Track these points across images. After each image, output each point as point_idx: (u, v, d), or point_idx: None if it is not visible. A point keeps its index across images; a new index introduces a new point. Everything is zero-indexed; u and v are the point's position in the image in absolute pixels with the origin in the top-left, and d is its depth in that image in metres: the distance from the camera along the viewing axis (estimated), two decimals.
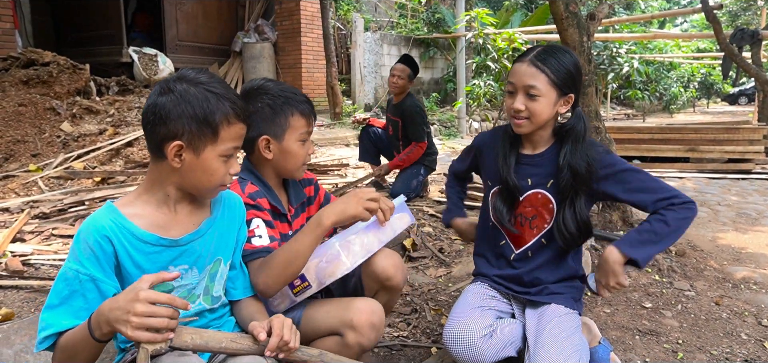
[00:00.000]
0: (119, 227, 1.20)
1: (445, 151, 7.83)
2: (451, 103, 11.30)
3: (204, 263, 1.33)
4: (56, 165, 4.76)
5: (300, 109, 1.59)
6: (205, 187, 1.26)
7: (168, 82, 1.22)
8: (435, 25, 12.51)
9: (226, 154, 1.24)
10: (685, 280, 2.79)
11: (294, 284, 1.49)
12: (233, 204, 1.45)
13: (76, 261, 1.16)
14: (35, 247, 3.00)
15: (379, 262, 1.63)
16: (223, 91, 1.23)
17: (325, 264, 1.47)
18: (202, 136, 1.20)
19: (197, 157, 1.21)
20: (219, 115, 1.21)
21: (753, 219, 4.34)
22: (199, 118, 1.19)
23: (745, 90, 24.51)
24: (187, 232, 1.29)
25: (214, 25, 9.89)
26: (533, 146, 1.78)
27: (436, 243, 3.25)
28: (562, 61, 1.66)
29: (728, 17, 23.43)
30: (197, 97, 1.20)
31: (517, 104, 1.67)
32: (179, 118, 1.18)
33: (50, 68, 6.15)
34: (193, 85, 1.21)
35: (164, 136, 1.19)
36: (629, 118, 15.98)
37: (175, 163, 1.21)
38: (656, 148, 6.81)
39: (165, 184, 1.26)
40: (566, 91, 1.68)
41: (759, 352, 2.14)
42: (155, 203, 1.27)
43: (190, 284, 1.31)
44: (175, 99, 1.19)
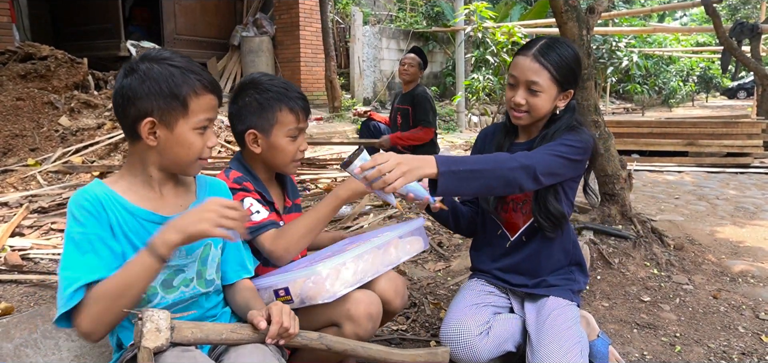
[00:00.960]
0: (111, 198, 1.22)
1: (445, 145, 7.83)
2: (450, 97, 11.29)
3: (193, 246, 1.32)
4: (55, 159, 4.76)
5: (289, 105, 1.58)
6: (184, 160, 1.27)
7: (131, 64, 1.25)
8: (434, 18, 12.48)
9: (200, 126, 1.26)
10: (683, 274, 2.80)
11: (278, 294, 1.47)
12: (218, 189, 1.46)
13: (78, 224, 1.18)
14: (34, 242, 3.00)
15: (380, 284, 1.60)
16: (186, 65, 1.25)
17: (311, 284, 1.42)
18: (171, 110, 1.22)
19: (171, 132, 1.23)
20: (185, 87, 1.23)
21: (751, 213, 4.35)
22: (165, 93, 1.21)
23: (744, 84, 24.50)
24: (175, 212, 1.29)
25: (212, 18, 9.86)
26: (527, 135, 1.80)
27: (434, 237, 3.26)
28: (564, 56, 1.66)
29: (728, 11, 23.41)
30: (161, 73, 1.22)
31: (518, 98, 1.67)
32: (147, 97, 1.20)
33: (48, 62, 6.13)
34: (156, 62, 1.23)
35: (135, 116, 1.22)
36: (628, 112, 15.98)
37: (151, 141, 1.23)
38: (655, 142, 6.82)
39: (146, 165, 1.27)
40: (566, 87, 1.69)
41: (756, 345, 2.15)
42: (139, 184, 1.28)
43: (178, 265, 1.30)
44: (140, 78, 1.21)
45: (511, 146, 1.80)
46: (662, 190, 5.28)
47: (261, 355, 1.21)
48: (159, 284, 1.28)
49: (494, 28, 7.71)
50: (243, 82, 1.64)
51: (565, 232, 1.79)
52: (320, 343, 1.30)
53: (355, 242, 1.63)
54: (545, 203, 1.67)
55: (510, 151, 1.78)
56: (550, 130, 1.70)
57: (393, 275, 1.67)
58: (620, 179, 2.95)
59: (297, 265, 1.58)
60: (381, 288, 1.60)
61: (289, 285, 1.44)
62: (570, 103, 1.73)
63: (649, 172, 6.24)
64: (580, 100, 2.89)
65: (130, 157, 1.29)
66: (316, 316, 1.53)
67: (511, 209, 1.81)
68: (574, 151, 1.64)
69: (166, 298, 1.30)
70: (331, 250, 1.58)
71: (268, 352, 1.23)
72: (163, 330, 1.10)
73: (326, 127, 7.85)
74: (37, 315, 1.58)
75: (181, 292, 1.32)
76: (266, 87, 1.58)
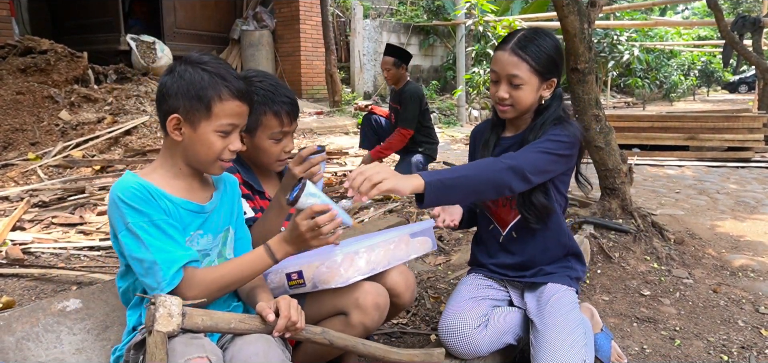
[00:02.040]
0: (151, 188, 1.30)
1: (445, 139, 7.82)
2: (451, 91, 11.27)
3: (217, 231, 1.45)
4: (55, 154, 4.76)
5: (274, 109, 1.61)
6: (204, 159, 1.34)
7: (173, 64, 1.35)
8: (435, 12, 12.44)
9: (222, 130, 1.32)
10: (683, 268, 2.80)
11: (291, 277, 1.51)
12: (232, 182, 1.56)
13: (139, 213, 1.25)
14: (35, 236, 3.01)
15: (392, 277, 1.64)
16: (218, 70, 1.32)
17: (325, 269, 1.48)
18: (195, 111, 1.30)
19: (194, 131, 1.31)
20: (210, 91, 1.30)
21: (752, 207, 4.35)
22: (191, 94, 1.29)
23: (746, 78, 24.44)
24: (205, 202, 1.41)
25: (212, 12, 9.84)
26: (515, 129, 1.81)
27: (435, 230, 3.26)
28: (542, 47, 1.66)
29: (730, 5, 23.34)
30: (192, 76, 1.30)
31: (500, 93, 1.68)
32: (176, 95, 1.30)
33: (48, 56, 6.13)
34: (191, 65, 1.32)
35: (166, 111, 1.32)
36: (629, 106, 15.95)
37: (176, 136, 1.32)
38: (656, 136, 6.81)
39: (175, 158, 1.37)
40: (548, 76, 1.69)
41: (756, 338, 2.16)
42: (172, 175, 1.37)
43: (205, 249, 1.40)
44: (174, 78, 1.31)
45: (499, 140, 1.82)
46: (663, 184, 5.28)
47: (266, 344, 1.26)
48: None
49: (495, 22, 7.69)
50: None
51: (559, 225, 1.79)
52: (323, 337, 1.34)
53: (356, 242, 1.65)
54: (529, 195, 1.67)
55: (497, 145, 1.80)
56: (538, 122, 1.71)
57: (404, 269, 1.70)
58: (621, 173, 2.95)
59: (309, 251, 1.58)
60: (393, 280, 1.63)
61: (303, 268, 1.51)
62: (556, 92, 1.74)
63: (650, 166, 6.24)
64: (580, 94, 2.88)
65: (164, 150, 1.39)
66: (324, 303, 1.56)
67: (501, 204, 1.81)
68: (562, 146, 1.63)
69: None
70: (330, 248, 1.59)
71: (273, 342, 1.29)
72: (175, 315, 1.14)
73: (326, 121, 7.85)
74: (38, 309, 1.59)
75: None
76: (254, 89, 1.59)
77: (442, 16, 12.26)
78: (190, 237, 1.37)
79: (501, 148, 1.79)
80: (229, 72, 1.34)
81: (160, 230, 1.27)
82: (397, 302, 1.67)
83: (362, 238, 1.69)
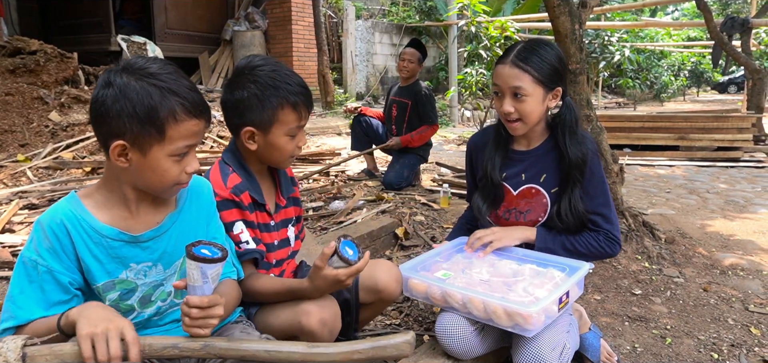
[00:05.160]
0: (79, 219, 1.17)
1: (437, 140, 7.83)
2: (443, 91, 11.28)
3: (171, 259, 1.27)
4: (45, 155, 4.71)
5: (291, 101, 1.44)
6: (157, 187, 1.18)
7: (110, 74, 1.12)
8: (427, 13, 12.45)
9: (178, 154, 1.14)
10: (674, 267, 2.82)
11: (561, 299, 1.51)
12: (200, 192, 1.35)
13: (34, 251, 1.15)
14: (24, 238, 2.98)
15: (381, 275, 1.64)
16: (170, 84, 1.11)
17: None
18: (146, 135, 1.10)
19: (144, 157, 1.12)
20: (163, 111, 1.10)
21: (741, 206, 4.39)
22: (140, 116, 1.08)
23: (735, 79, 24.65)
24: (148, 228, 1.23)
25: (203, 12, 9.78)
26: (528, 142, 1.80)
27: (428, 231, 3.26)
28: (544, 56, 1.65)
29: (719, 6, 23.52)
30: (138, 93, 1.08)
31: (505, 107, 1.67)
32: (119, 116, 1.08)
33: (37, 57, 6.06)
34: (136, 77, 1.10)
35: (107, 133, 1.11)
36: (620, 106, 16.05)
37: (121, 163, 1.12)
38: (647, 136, 6.86)
39: (121, 183, 1.19)
40: (552, 85, 1.68)
41: (745, 337, 2.18)
42: (115, 201, 1.21)
43: (156, 281, 1.26)
44: (115, 94, 1.09)
45: (508, 153, 1.81)
46: (654, 183, 5.31)
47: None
48: (136, 301, 1.25)
49: (487, 23, 7.70)
50: (241, 69, 1.48)
51: None
52: (206, 352, 1.11)
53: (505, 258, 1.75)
54: (576, 205, 1.70)
55: (508, 159, 1.80)
56: (564, 128, 1.72)
57: (390, 265, 1.69)
58: (612, 173, 2.97)
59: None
60: (383, 279, 1.63)
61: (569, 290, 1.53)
62: (565, 101, 1.74)
63: (641, 166, 6.28)
64: (572, 94, 2.89)
65: (107, 170, 1.21)
66: (274, 333, 1.45)
67: (514, 219, 1.81)
68: (603, 174, 1.76)
69: (143, 313, 1.27)
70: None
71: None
72: (13, 357, 1.01)
73: (319, 122, 7.84)
74: None
75: (158, 306, 1.29)
76: (266, 81, 1.43)
77: (434, 16, 12.27)
78: (130, 269, 1.22)
79: (514, 163, 1.79)
80: (182, 82, 1.14)
81: (38, 278, 1.13)
82: (387, 297, 1.66)
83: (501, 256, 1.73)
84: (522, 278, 1.59)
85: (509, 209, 1.81)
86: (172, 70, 1.15)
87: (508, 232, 1.75)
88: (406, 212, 3.43)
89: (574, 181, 1.70)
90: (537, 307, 1.40)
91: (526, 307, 1.41)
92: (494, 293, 1.52)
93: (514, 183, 1.80)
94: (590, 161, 1.71)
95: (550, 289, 1.51)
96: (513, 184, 1.80)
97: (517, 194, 1.79)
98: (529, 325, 1.41)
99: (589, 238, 1.71)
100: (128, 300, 1.24)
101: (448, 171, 4.99)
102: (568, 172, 1.70)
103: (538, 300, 1.45)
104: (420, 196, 3.92)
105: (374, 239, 2.99)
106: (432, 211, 3.57)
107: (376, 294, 1.66)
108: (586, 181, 1.71)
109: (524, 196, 1.78)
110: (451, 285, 1.57)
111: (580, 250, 1.71)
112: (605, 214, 1.72)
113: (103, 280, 1.20)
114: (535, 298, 1.47)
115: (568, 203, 1.71)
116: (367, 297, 1.68)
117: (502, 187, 1.80)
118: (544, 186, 1.76)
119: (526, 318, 1.40)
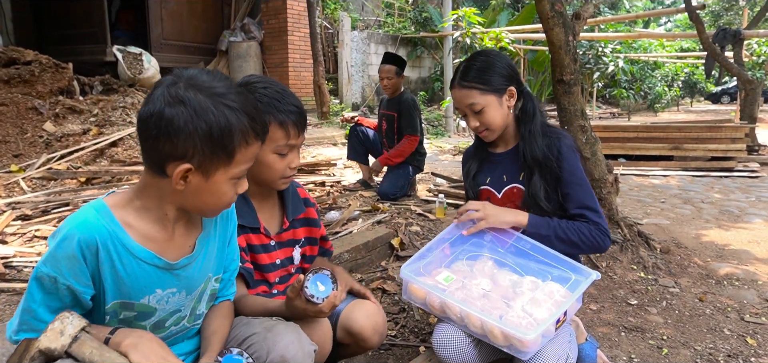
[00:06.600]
0: (111, 236, 1.07)
1: (433, 150, 7.85)
2: (439, 102, 11.33)
3: (195, 286, 1.23)
4: (39, 165, 4.69)
5: (279, 119, 1.43)
6: (211, 209, 1.15)
7: (178, 90, 1.03)
8: (422, 24, 12.52)
9: (238, 176, 1.11)
10: (669, 277, 2.82)
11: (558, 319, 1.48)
12: (227, 212, 1.33)
13: (54, 268, 1.04)
14: (17, 250, 2.95)
15: (358, 320, 1.55)
16: (242, 105, 1.07)
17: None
18: (215, 158, 1.05)
19: (206, 180, 1.07)
20: (238, 136, 1.05)
21: (735, 216, 4.41)
22: (214, 138, 1.03)
23: (728, 89, 24.88)
24: (182, 255, 1.18)
25: (199, 23, 9.80)
26: (505, 144, 1.85)
27: (423, 242, 3.26)
28: (483, 67, 1.72)
29: (711, 17, 23.76)
30: (214, 114, 1.02)
31: (472, 123, 1.77)
32: (190, 137, 1.02)
33: (32, 67, 6.05)
34: (210, 97, 1.04)
35: (169, 153, 1.03)
36: (615, 116, 16.14)
37: (179, 186, 1.06)
38: (641, 147, 6.89)
39: (163, 203, 1.12)
40: (502, 88, 1.73)
41: (742, 347, 2.17)
42: (152, 219, 1.13)
43: (175, 308, 1.21)
44: (189, 115, 1.01)
45: (490, 156, 1.87)
46: (648, 193, 5.33)
47: (296, 333, 1.28)
48: (150, 325, 1.20)
49: (482, 34, 7.75)
50: (238, 85, 1.54)
51: None
52: None
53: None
54: (535, 198, 1.72)
55: (491, 162, 1.86)
56: (527, 131, 1.75)
57: (373, 310, 1.60)
58: (607, 183, 2.97)
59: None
60: (359, 324, 1.54)
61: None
62: (524, 93, 1.79)
63: (636, 176, 6.31)
64: (566, 105, 2.91)
65: (146, 187, 1.12)
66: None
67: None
68: (581, 167, 1.77)
69: None
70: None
71: (301, 332, 1.29)
72: (66, 335, 1.00)
73: (315, 132, 7.84)
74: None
75: (170, 331, 1.24)
76: (258, 97, 1.42)
77: (429, 27, 12.34)
78: (154, 294, 1.16)
79: (495, 166, 1.84)
80: (250, 103, 1.10)
81: (57, 292, 1.06)
82: (364, 345, 1.58)
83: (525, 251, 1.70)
84: (520, 292, 1.58)
85: None
86: (238, 87, 1.12)
87: (499, 213, 1.71)
88: (402, 222, 3.43)
89: (536, 172, 1.73)
90: (534, 333, 1.39)
91: (523, 332, 1.39)
92: (493, 310, 1.50)
93: (497, 186, 1.84)
94: (566, 156, 1.73)
95: (549, 309, 1.49)
96: (497, 187, 1.84)
97: (501, 196, 1.83)
98: (526, 348, 1.41)
99: (582, 228, 1.69)
100: (142, 321, 1.19)
101: (444, 181, 4.99)
102: (530, 163, 1.73)
103: (536, 323, 1.44)
104: (415, 207, 3.92)
105: (370, 250, 2.98)
106: (428, 221, 3.57)
107: (351, 337, 1.58)
108: (566, 177, 1.72)
109: (509, 198, 1.82)
110: (451, 296, 1.56)
111: (572, 239, 1.68)
112: (592, 207, 1.71)
113: (118, 299, 1.13)
114: (533, 319, 1.46)
115: (535, 196, 1.72)
116: (343, 337, 1.60)
117: (480, 191, 1.85)
118: (524, 183, 1.79)
119: (523, 343, 1.40)
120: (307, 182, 4.66)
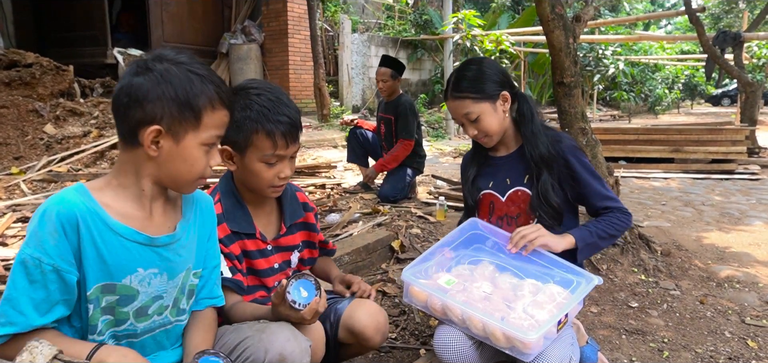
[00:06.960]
0: (90, 212, 1.09)
1: (433, 153, 7.84)
2: (439, 104, 11.33)
3: (176, 270, 1.23)
4: (39, 168, 4.69)
5: (267, 128, 1.40)
6: (185, 178, 1.17)
7: (145, 61, 1.12)
8: (422, 26, 12.53)
9: (208, 143, 1.15)
10: (670, 280, 2.82)
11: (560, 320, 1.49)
12: (206, 207, 1.34)
13: (37, 247, 1.05)
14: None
15: (360, 320, 1.55)
16: (207, 73, 1.15)
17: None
18: (183, 120, 1.11)
19: (177, 144, 1.12)
20: (203, 98, 1.12)
21: (736, 219, 4.41)
22: (181, 100, 1.09)
23: (728, 91, 24.88)
24: (162, 232, 1.19)
25: (200, 25, 9.81)
26: (506, 147, 1.86)
27: (424, 244, 3.25)
28: (472, 76, 1.74)
29: (711, 20, 23.76)
30: (179, 78, 1.10)
31: (470, 132, 1.79)
32: (158, 100, 1.08)
33: (33, 69, 6.06)
34: (175, 64, 1.12)
35: (140, 119, 1.09)
36: (615, 119, 16.14)
37: (152, 151, 1.10)
38: (641, 149, 6.89)
39: (140, 176, 1.15)
40: (495, 94, 1.74)
41: (743, 350, 2.17)
42: (130, 197, 1.16)
43: (157, 292, 1.20)
44: (155, 79, 1.09)
45: (492, 160, 1.87)
46: (649, 196, 5.33)
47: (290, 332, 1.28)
48: (133, 312, 1.18)
49: (482, 36, 7.77)
50: (234, 90, 1.48)
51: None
52: None
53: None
54: (546, 196, 1.72)
55: (492, 166, 1.86)
56: (528, 131, 1.76)
57: (375, 310, 1.60)
58: (608, 185, 2.97)
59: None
60: (362, 324, 1.54)
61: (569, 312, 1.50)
62: (518, 96, 1.80)
63: (636, 178, 6.30)
64: (567, 107, 2.91)
65: (122, 164, 1.16)
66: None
67: (506, 225, 1.82)
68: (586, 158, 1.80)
69: (137, 327, 1.20)
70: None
71: (296, 331, 1.29)
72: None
73: (315, 134, 7.84)
74: None
75: (153, 321, 1.23)
76: (249, 103, 1.42)
77: (429, 30, 12.35)
78: (136, 274, 1.15)
79: (497, 170, 1.85)
80: (215, 74, 1.17)
81: (42, 278, 1.05)
82: (366, 345, 1.58)
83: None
84: (522, 295, 1.58)
85: (501, 217, 1.84)
86: (202, 62, 1.18)
87: (552, 236, 1.67)
88: (402, 225, 3.43)
89: (544, 171, 1.73)
90: (536, 334, 1.39)
91: (525, 334, 1.39)
92: (494, 312, 1.50)
93: (501, 190, 1.83)
94: (571, 156, 1.74)
95: (550, 311, 1.49)
96: (500, 190, 1.84)
97: (505, 200, 1.83)
98: (528, 350, 1.41)
99: (612, 219, 1.72)
100: (125, 307, 1.17)
101: (445, 184, 4.99)
102: (537, 162, 1.73)
103: (537, 324, 1.43)
104: (416, 209, 3.91)
105: (370, 252, 2.98)
106: (428, 223, 3.56)
107: (353, 337, 1.58)
108: (581, 177, 1.74)
109: (513, 201, 1.81)
110: (452, 298, 1.56)
111: (610, 233, 1.72)
112: (610, 195, 1.75)
113: (100, 282, 1.12)
114: (535, 321, 1.46)
115: (545, 192, 1.72)
116: (345, 337, 1.60)
117: (481, 196, 1.85)
118: (528, 186, 1.79)
119: (525, 344, 1.40)
120: (308, 184, 4.66)
